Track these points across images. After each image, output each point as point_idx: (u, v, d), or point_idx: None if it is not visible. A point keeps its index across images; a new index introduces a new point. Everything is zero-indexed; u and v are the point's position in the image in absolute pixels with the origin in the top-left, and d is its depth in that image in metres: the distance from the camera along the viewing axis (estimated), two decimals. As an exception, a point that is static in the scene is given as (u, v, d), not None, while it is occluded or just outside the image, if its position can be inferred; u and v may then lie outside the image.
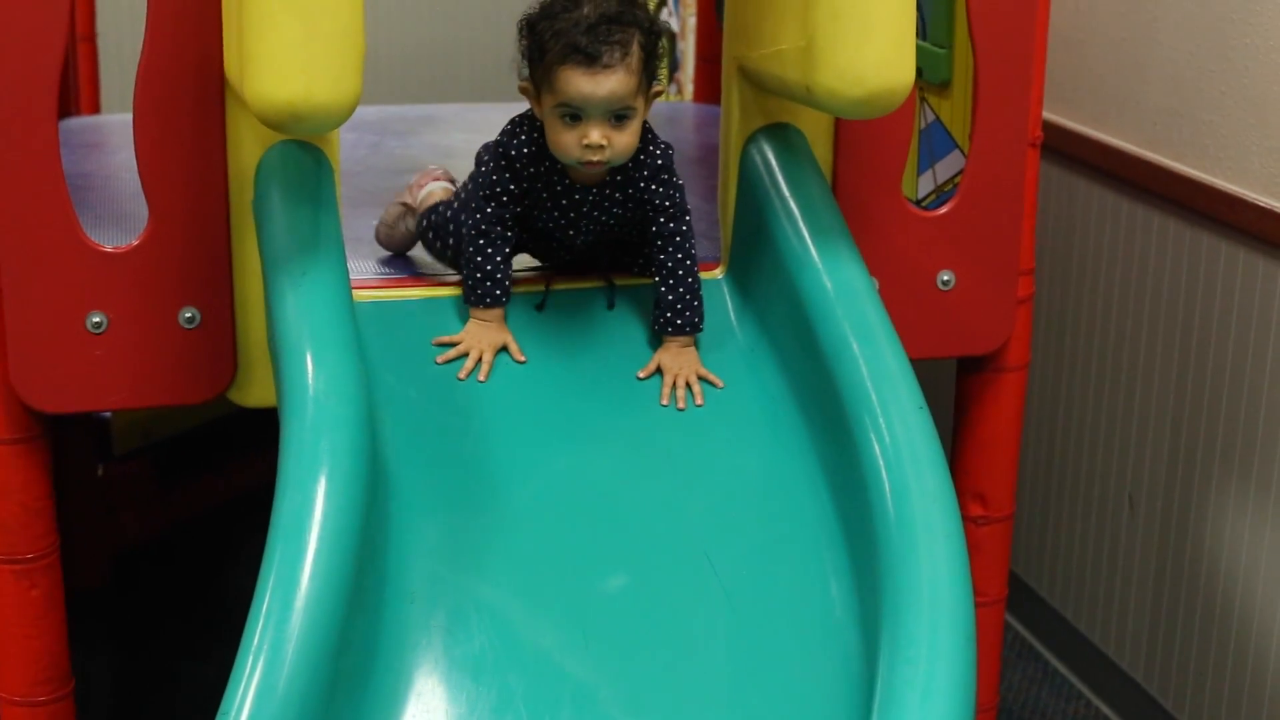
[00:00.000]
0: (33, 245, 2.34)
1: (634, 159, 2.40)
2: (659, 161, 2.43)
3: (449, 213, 2.54)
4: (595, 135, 2.30)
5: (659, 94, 2.39)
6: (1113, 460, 3.47)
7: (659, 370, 2.42)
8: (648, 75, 2.34)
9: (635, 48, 2.30)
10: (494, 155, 2.42)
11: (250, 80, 2.10)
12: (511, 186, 2.41)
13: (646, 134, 2.42)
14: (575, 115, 2.30)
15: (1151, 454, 3.34)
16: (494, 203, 2.41)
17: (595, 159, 2.31)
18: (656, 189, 2.43)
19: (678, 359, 2.42)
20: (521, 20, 2.36)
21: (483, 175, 2.42)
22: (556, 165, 2.40)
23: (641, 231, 2.48)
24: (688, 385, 2.40)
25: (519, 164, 2.40)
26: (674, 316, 2.43)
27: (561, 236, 2.48)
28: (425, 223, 2.59)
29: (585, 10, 2.29)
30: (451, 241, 2.52)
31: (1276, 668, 3.01)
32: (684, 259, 2.44)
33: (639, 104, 2.33)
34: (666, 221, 2.44)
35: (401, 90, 4.96)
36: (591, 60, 2.27)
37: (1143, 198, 3.29)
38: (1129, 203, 3.34)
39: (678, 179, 2.45)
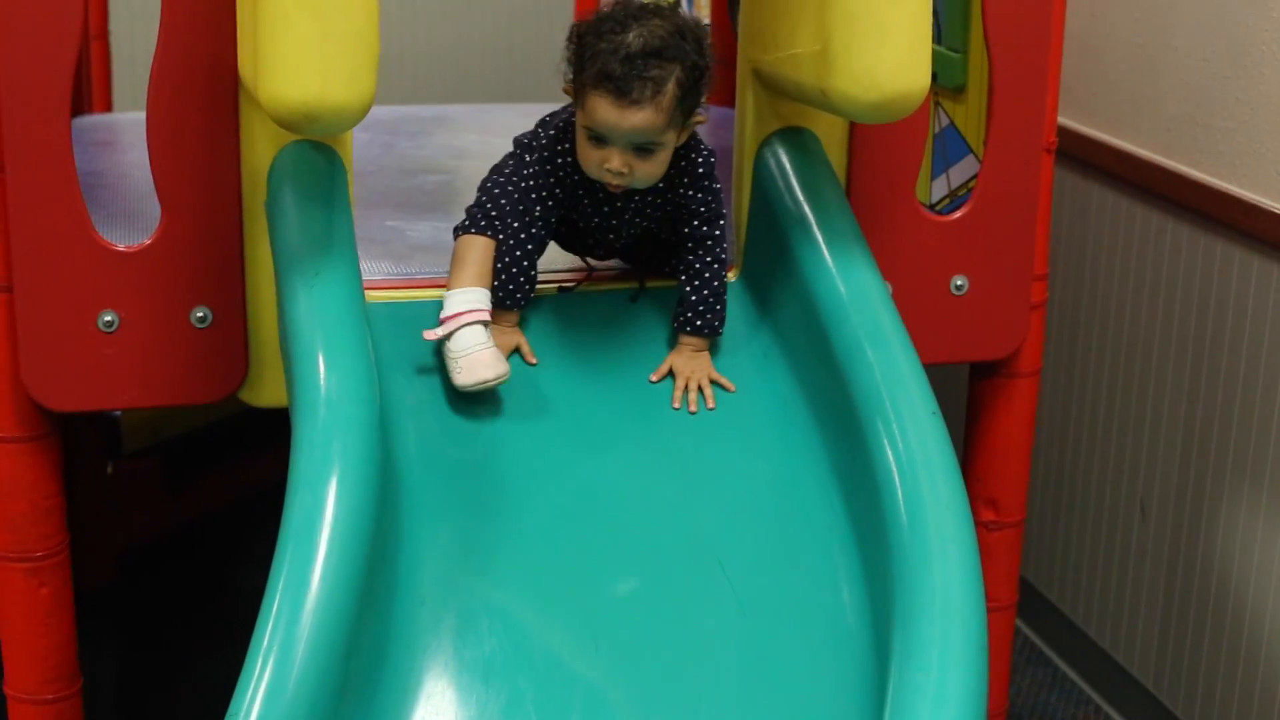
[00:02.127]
0: (45, 243, 2.34)
1: (676, 166, 2.39)
2: (700, 170, 2.42)
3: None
4: (616, 163, 2.29)
5: (700, 122, 2.38)
6: (1124, 467, 3.46)
7: (671, 373, 2.41)
8: (684, 110, 2.31)
9: (671, 85, 2.26)
10: (538, 160, 2.41)
11: (264, 80, 2.09)
12: (558, 191, 2.40)
13: (691, 138, 2.41)
14: (601, 139, 2.29)
15: (1164, 461, 3.33)
16: (539, 206, 2.39)
17: (615, 183, 2.31)
18: (696, 194, 2.42)
19: (690, 362, 2.41)
20: (573, 27, 2.34)
21: (529, 178, 2.40)
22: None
23: (678, 233, 2.48)
24: (699, 389, 2.39)
25: (562, 172, 2.39)
26: (694, 317, 2.42)
27: (600, 237, 2.48)
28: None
29: (630, 37, 2.25)
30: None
31: (1288, 676, 3.01)
32: (712, 262, 2.43)
33: (667, 139, 2.30)
34: (700, 225, 2.44)
35: (413, 91, 4.95)
36: (621, 94, 2.24)
37: (1157, 204, 3.28)
38: (1143, 209, 3.33)
39: (717, 184, 2.44)
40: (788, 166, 2.50)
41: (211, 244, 2.40)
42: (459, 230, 2.44)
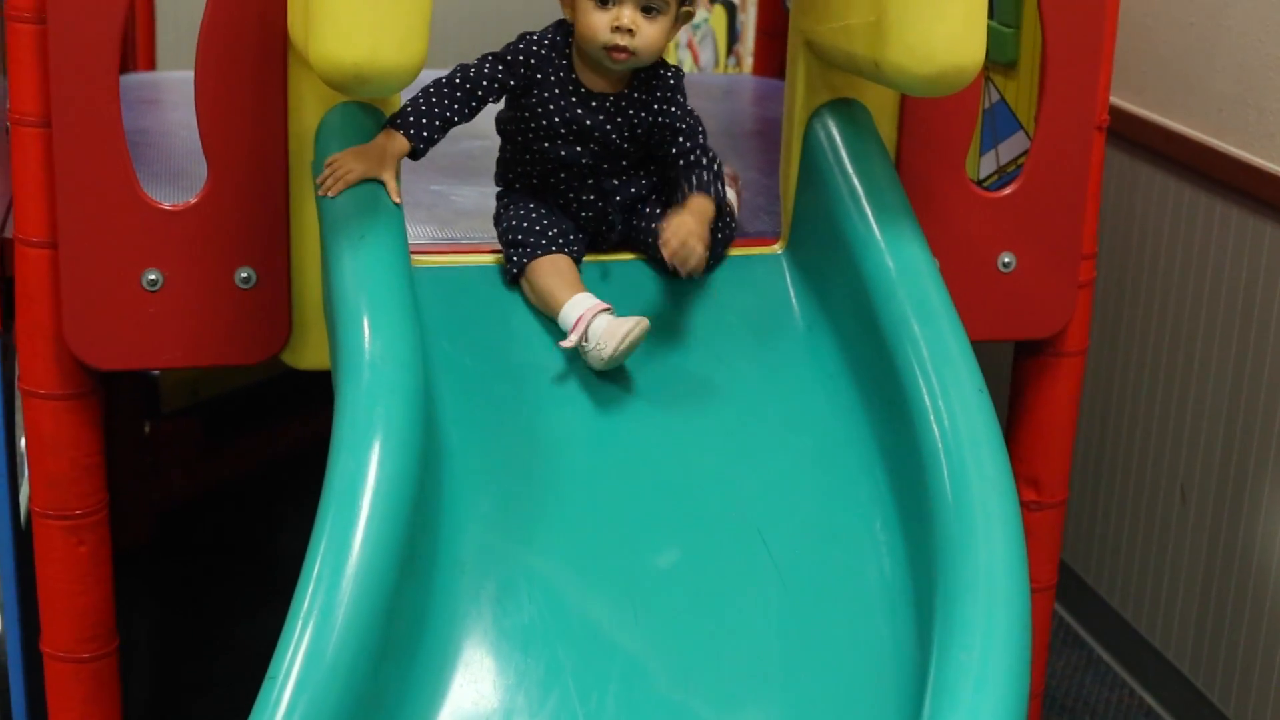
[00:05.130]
0: (91, 201, 2.33)
1: (649, 77, 2.42)
2: (672, 81, 2.44)
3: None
4: (626, 17, 2.33)
5: (690, 15, 2.41)
6: (1166, 450, 3.44)
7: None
8: None
9: None
10: (519, 38, 2.44)
11: (315, 41, 2.08)
12: (520, 70, 2.42)
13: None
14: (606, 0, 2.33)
15: (1205, 445, 3.30)
16: (489, 64, 2.44)
17: (622, 43, 2.33)
18: (672, 109, 2.43)
19: (682, 219, 2.32)
20: None
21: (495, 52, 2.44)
22: (573, 75, 2.41)
23: (667, 162, 2.45)
24: (686, 245, 2.30)
25: (539, 49, 2.42)
26: (698, 183, 2.38)
27: (572, 158, 2.43)
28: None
29: None
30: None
31: (1327, 664, 2.99)
32: (710, 179, 2.39)
33: (670, 3, 2.34)
34: (685, 140, 2.43)
35: (460, 54, 4.94)
36: None
37: (1206, 185, 3.26)
38: (1191, 190, 3.30)
39: (689, 104, 2.46)
40: (837, 139, 2.48)
41: (257, 204, 2.39)
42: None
